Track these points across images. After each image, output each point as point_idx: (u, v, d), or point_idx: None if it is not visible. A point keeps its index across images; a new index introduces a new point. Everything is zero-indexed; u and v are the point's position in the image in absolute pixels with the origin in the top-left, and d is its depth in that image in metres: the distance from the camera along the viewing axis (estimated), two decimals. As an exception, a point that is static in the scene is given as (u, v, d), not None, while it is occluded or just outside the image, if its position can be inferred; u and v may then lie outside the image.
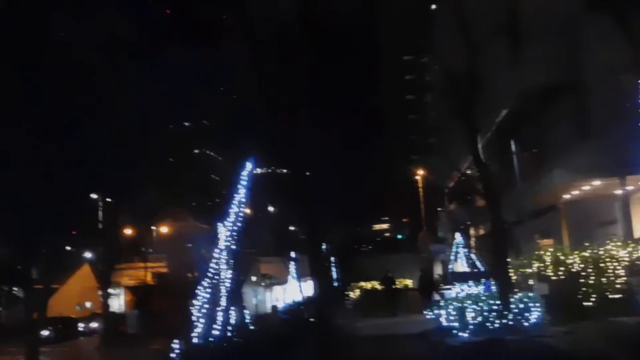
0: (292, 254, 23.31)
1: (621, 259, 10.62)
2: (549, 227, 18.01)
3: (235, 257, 10.76)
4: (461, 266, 27.71)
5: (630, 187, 12.62)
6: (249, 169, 8.85)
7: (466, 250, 28.55)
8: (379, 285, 22.70)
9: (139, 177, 18.96)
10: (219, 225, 8.63)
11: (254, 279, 37.23)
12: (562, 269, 10.88)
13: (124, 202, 22.81)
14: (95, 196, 24.60)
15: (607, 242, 11.10)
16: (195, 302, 8.14)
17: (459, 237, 28.93)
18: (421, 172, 39.49)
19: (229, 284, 11.14)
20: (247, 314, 11.97)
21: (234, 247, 10.04)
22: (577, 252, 10.96)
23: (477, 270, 25.10)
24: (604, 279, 10.49)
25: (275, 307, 22.90)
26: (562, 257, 10.99)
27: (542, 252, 11.56)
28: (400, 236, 67.94)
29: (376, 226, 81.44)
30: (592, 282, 10.56)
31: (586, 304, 10.47)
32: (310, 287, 35.19)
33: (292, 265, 23.57)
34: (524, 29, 13.12)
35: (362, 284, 35.26)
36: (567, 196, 15.68)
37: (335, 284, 33.90)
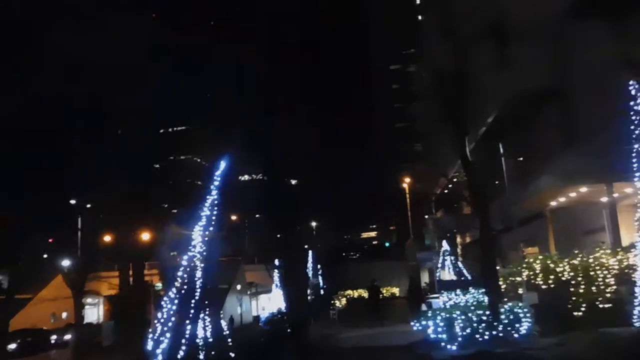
0: (276, 262, 22.76)
1: (610, 267, 10.37)
2: (534, 235, 17.84)
3: (210, 265, 10.25)
4: (448, 274, 27.52)
5: (616, 195, 12.45)
6: (222, 168, 8.36)
7: (453, 258, 28.42)
8: (365, 293, 22.28)
9: (119, 181, 18.36)
10: (195, 230, 8.10)
11: (239, 287, 36.49)
12: (551, 277, 10.59)
13: (103, 208, 22.13)
14: (73, 202, 23.87)
15: (597, 249, 10.84)
16: (159, 314, 7.58)
17: (445, 245, 28.81)
18: (408, 180, 39.41)
19: (202, 294, 10.63)
20: (225, 325, 11.39)
21: (208, 253, 9.52)
22: (566, 260, 10.68)
23: (464, 278, 24.90)
24: (594, 288, 10.22)
25: (257, 318, 22.23)
26: (552, 265, 10.70)
27: (531, 260, 11.26)
28: (387, 244, 67.83)
29: (364, 234, 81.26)
30: (582, 291, 10.28)
31: (576, 313, 10.17)
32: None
33: (275, 273, 23.01)
34: (511, 33, 12.98)
35: (348, 292, 34.81)
36: (554, 203, 15.52)
37: (321, 292, 33.40)
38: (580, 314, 10.15)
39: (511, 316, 9.62)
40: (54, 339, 26.17)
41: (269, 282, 30.14)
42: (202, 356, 7.90)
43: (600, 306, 10.01)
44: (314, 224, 53.98)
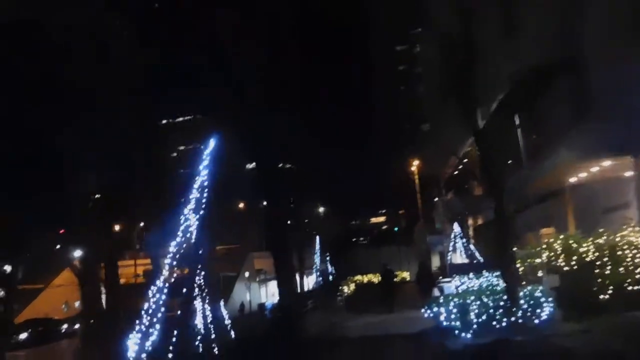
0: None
1: (640, 246, 9.48)
2: (550, 214, 16.90)
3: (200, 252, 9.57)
4: (460, 257, 26.73)
5: (644, 167, 11.47)
6: (212, 147, 7.60)
7: (464, 240, 27.59)
8: (376, 278, 21.54)
9: (130, 172, 17.85)
10: (182, 216, 7.39)
11: (247, 274, 36.13)
12: (574, 258, 9.73)
13: (114, 198, 21.68)
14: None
15: (624, 227, 9.93)
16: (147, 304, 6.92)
17: (456, 227, 27.97)
18: (417, 162, 38.55)
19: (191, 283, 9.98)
20: (226, 314, 10.75)
21: (199, 239, 8.81)
22: (590, 239, 9.80)
23: (476, 261, 24.10)
24: (622, 269, 9.34)
25: (262, 305, 21.66)
26: (575, 245, 9.84)
27: (551, 240, 10.40)
28: (396, 228, 67.14)
29: (373, 219, 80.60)
30: (608, 272, 9.41)
31: (602, 297, 9.33)
32: (305, 282, 34.09)
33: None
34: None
35: (357, 277, 34.21)
36: (573, 179, 14.56)
37: (330, 279, 32.84)
38: (606, 297, 9.31)
39: (531, 301, 8.82)
40: (64, 328, 26.11)
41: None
42: (193, 350, 7.28)
43: (628, 288, 9.16)
44: (321, 209, 53.43)
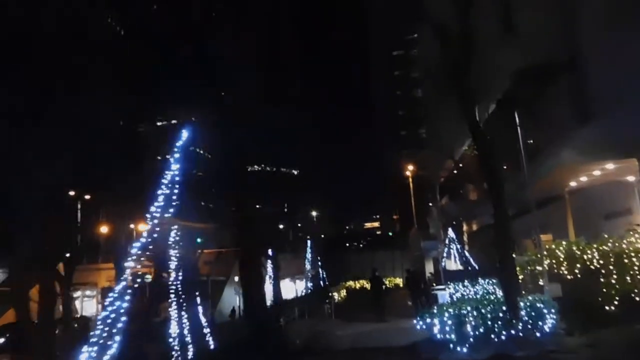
0: (269, 252, 21.29)
1: (647, 253, 8.85)
2: (548, 220, 16.28)
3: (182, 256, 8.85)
4: (454, 264, 26.05)
5: (648, 170, 10.89)
6: (185, 138, 6.88)
7: (459, 246, 26.94)
8: (368, 284, 20.75)
9: (117, 171, 17.04)
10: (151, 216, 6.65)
11: (237, 278, 35.26)
12: (578, 265, 9.09)
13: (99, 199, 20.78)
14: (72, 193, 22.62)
15: (630, 232, 9.31)
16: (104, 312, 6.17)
17: (451, 233, 27.33)
18: (412, 167, 38.06)
19: (177, 288, 9.27)
20: (205, 322, 9.99)
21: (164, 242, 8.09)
22: (595, 245, 9.17)
23: (471, 268, 23.42)
24: (628, 278, 8.71)
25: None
26: (578, 252, 9.20)
27: (553, 247, 9.75)
28: (391, 233, 66.56)
29: (368, 224, 79.96)
30: (613, 281, 8.78)
31: (608, 307, 8.69)
32: (289, 287, 33.21)
33: (268, 264, 21.57)
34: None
35: (350, 283, 33.43)
36: (574, 183, 13.97)
37: (321, 284, 32.03)
38: (612, 308, 8.68)
39: (532, 312, 8.14)
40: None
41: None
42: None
43: (636, 299, 8.52)
44: (314, 214, 52.77)
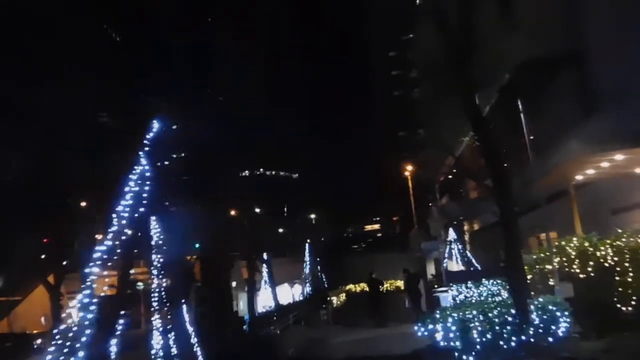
0: (264, 256, 20.58)
1: (665, 248, 8.18)
2: (553, 217, 15.59)
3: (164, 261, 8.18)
4: (456, 265, 25.35)
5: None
6: (155, 129, 6.20)
7: (460, 247, 26.27)
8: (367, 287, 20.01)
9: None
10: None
11: (234, 284, 34.63)
12: (590, 263, 8.41)
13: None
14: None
15: (646, 227, 8.63)
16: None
17: (452, 233, 26.66)
18: (410, 168, 37.50)
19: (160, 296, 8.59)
20: (191, 331, 9.29)
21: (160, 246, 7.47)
22: (609, 241, 8.49)
23: (473, 268, 22.72)
24: (646, 276, 8.04)
25: (240, 319, 19.98)
26: (591, 249, 8.52)
27: (563, 243, 9.06)
28: (391, 235, 65.92)
29: (368, 226, 79.26)
30: (630, 279, 8.11)
31: (625, 308, 8.02)
32: (286, 292, 32.55)
33: (264, 269, 20.84)
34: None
35: (350, 286, 32.68)
36: (580, 177, 13.30)
37: (322, 287, 31.33)
38: (629, 309, 8.00)
39: (544, 315, 7.44)
40: (38, 343, 24.27)
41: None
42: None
43: (656, 299, 7.84)
44: (313, 216, 52.05)
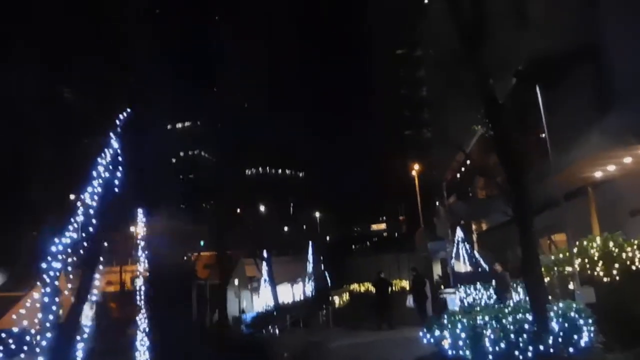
0: (264, 254, 19.89)
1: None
2: (567, 218, 14.74)
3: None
4: (463, 265, 24.55)
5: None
6: (128, 119, 5.50)
7: (468, 247, 25.43)
8: (373, 288, 19.22)
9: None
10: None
11: (237, 282, 34.07)
12: (616, 266, 7.63)
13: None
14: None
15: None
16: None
17: (459, 232, 25.84)
18: (417, 167, 36.85)
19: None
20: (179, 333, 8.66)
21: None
22: (637, 242, 7.70)
23: (481, 269, 21.88)
24: (677, 281, 7.25)
25: (238, 319, 19.26)
26: (616, 250, 7.73)
27: (585, 243, 8.29)
28: (397, 235, 65.17)
29: (374, 226, 78.49)
30: (660, 284, 7.32)
31: (654, 317, 7.22)
32: (287, 292, 31.85)
33: (264, 266, 20.16)
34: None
35: (354, 286, 31.95)
36: (599, 174, 12.50)
37: (321, 287, 30.63)
38: (659, 317, 7.22)
39: (565, 322, 6.68)
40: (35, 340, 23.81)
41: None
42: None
43: (689, 306, 7.05)
44: (317, 215, 51.40)
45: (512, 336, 6.49)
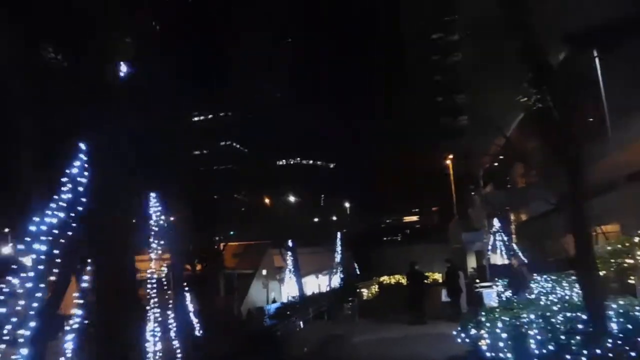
0: (289, 243, 19.31)
1: None
2: (622, 204, 13.30)
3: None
4: (500, 258, 23.32)
5: None
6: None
7: (507, 238, 24.19)
8: (404, 279, 18.29)
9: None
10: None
11: (265, 272, 33.93)
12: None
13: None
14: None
15: None
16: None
17: (496, 223, 24.64)
18: (451, 156, 35.70)
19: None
20: (196, 323, 8.21)
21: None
22: None
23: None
24: None
25: (261, 310, 18.77)
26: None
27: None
28: (429, 226, 63.74)
29: (406, 218, 77.17)
30: None
31: None
32: (314, 283, 31.36)
33: (289, 256, 19.62)
34: None
35: (384, 278, 31.15)
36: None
37: (350, 279, 30.04)
38: None
39: (627, 322, 5.69)
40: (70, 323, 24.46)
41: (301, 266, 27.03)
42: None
43: None
44: (347, 205, 50.70)
45: (562, 337, 5.56)
